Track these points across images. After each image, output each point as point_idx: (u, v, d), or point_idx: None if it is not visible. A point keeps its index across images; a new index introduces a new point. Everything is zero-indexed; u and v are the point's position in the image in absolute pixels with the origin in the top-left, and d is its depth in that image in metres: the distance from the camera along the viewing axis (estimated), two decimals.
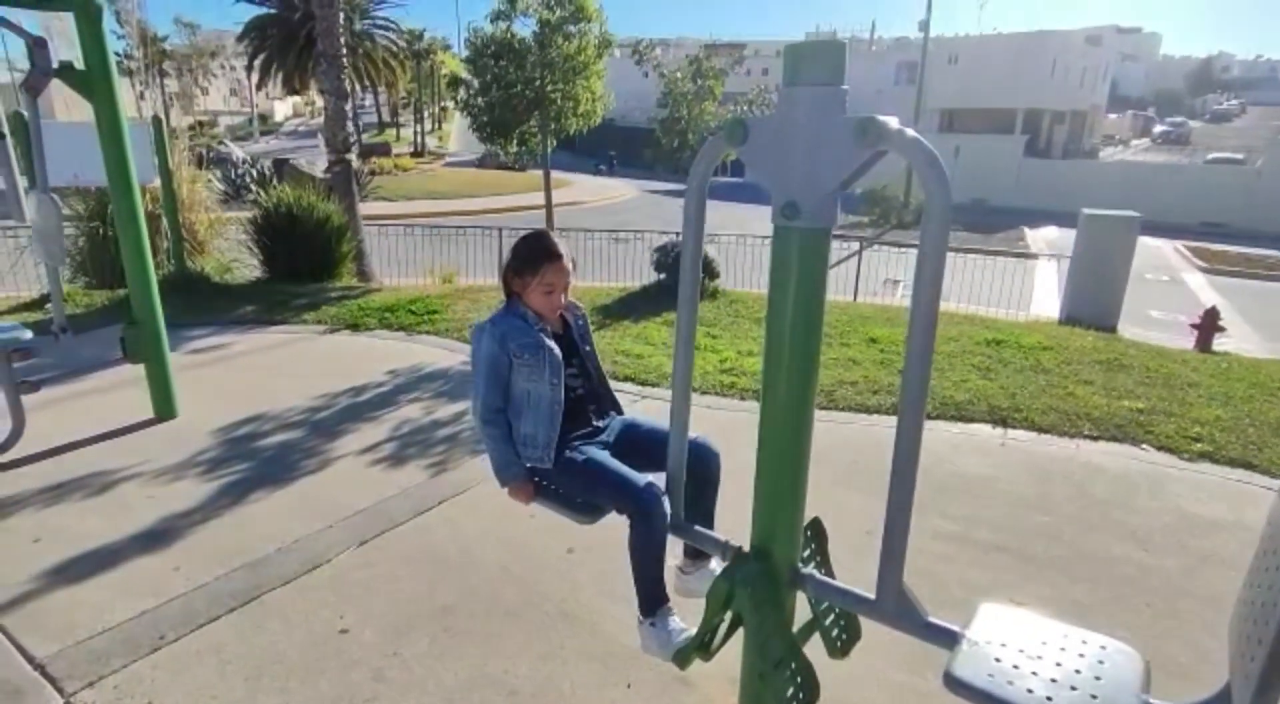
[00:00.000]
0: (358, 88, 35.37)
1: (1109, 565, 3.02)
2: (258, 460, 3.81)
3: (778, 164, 1.53)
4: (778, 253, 1.60)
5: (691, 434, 2.08)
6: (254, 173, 18.34)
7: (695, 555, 2.31)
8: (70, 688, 2.24)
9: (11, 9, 3.59)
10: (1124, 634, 2.07)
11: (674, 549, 2.34)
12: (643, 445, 2.26)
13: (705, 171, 1.70)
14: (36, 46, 3.48)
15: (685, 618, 2.11)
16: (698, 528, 2.08)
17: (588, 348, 2.35)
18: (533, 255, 2.18)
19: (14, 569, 2.81)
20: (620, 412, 2.39)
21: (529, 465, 2.20)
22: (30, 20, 3.92)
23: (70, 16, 3.72)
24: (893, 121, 1.39)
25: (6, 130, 3.52)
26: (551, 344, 2.19)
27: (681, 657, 1.98)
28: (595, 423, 2.29)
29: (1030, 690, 1.37)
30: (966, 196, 29.59)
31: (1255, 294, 15.10)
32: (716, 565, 2.28)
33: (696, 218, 1.75)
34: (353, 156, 10.08)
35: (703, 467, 2.19)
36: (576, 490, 2.20)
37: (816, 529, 1.93)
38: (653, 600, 2.10)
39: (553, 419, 2.16)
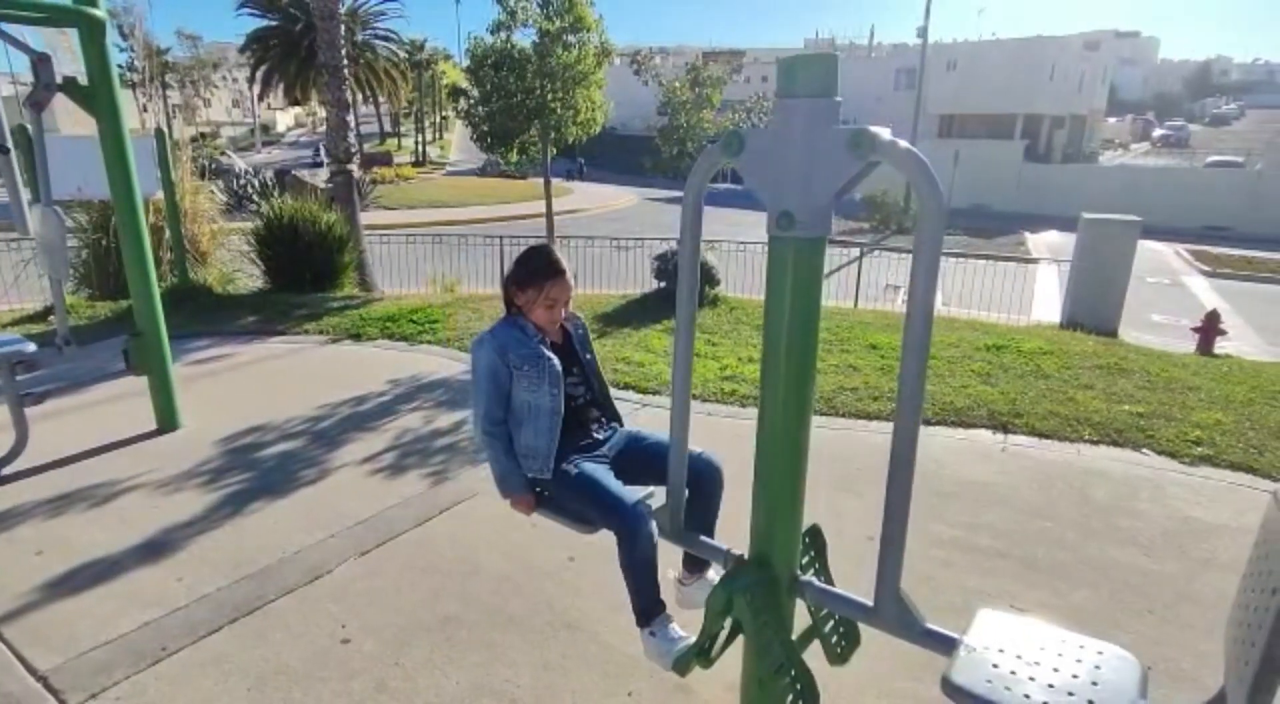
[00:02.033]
0: (359, 98, 35.56)
1: (1110, 570, 3.02)
2: (260, 471, 3.83)
3: (773, 175, 1.55)
4: (773, 262, 1.62)
5: (695, 448, 2.09)
6: (256, 183, 18.44)
7: (693, 567, 2.32)
8: (73, 700, 2.25)
9: (16, 25, 3.63)
10: (1126, 640, 2.07)
11: (674, 561, 2.35)
12: (645, 458, 2.26)
13: (701, 183, 1.71)
14: (41, 62, 3.51)
15: (685, 626, 2.11)
16: (701, 538, 2.09)
17: (588, 356, 2.37)
18: (537, 271, 2.20)
19: (17, 581, 2.83)
20: (621, 423, 2.39)
21: (530, 476, 2.22)
22: (35, 36, 3.96)
23: (74, 33, 3.77)
24: (885, 133, 1.41)
25: (10, 144, 3.55)
26: (550, 355, 2.20)
27: (682, 664, 1.99)
28: (596, 435, 2.30)
29: (1027, 696, 1.37)
30: (967, 201, 29.69)
31: (1257, 297, 15.09)
32: (715, 575, 2.29)
33: (693, 228, 1.76)
34: (354, 166, 10.13)
35: (704, 482, 2.19)
36: (572, 503, 2.21)
37: (815, 536, 1.94)
38: (647, 612, 2.11)
39: (553, 430, 2.17)
